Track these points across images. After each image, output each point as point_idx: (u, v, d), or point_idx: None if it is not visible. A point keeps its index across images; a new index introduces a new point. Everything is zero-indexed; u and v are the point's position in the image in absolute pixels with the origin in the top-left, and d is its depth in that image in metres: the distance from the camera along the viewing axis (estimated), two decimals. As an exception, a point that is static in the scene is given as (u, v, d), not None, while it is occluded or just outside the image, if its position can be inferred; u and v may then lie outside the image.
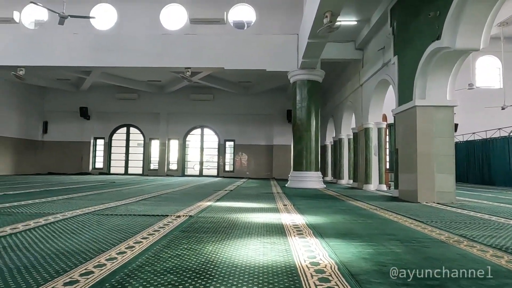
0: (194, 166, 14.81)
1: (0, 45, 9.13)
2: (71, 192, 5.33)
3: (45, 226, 2.51)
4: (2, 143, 12.52)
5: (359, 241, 2.17)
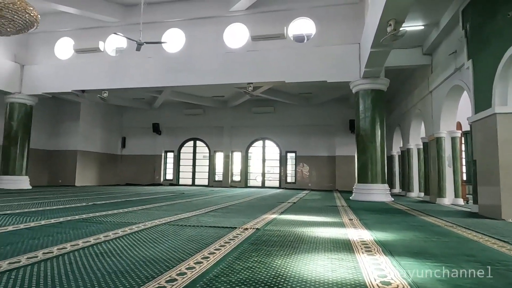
0: (257, 177, 15.11)
1: (89, 71, 10.44)
2: (147, 203, 5.83)
3: (131, 234, 2.81)
4: (89, 157, 14.12)
5: (434, 261, 2.07)
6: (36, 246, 2.31)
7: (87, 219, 3.70)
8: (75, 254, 2.10)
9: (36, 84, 10.81)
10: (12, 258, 1.95)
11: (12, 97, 10.67)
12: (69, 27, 10.92)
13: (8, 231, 2.86)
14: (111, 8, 10.17)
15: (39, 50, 11.17)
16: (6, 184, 10.34)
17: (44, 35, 10.52)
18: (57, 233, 2.82)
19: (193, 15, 10.02)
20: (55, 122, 13.76)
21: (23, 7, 4.87)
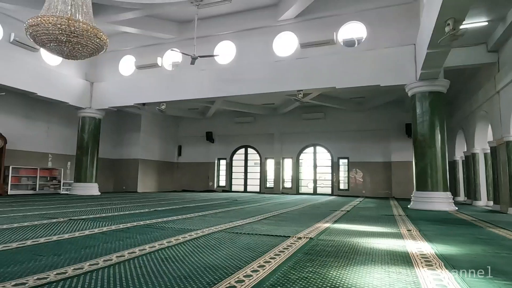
0: (308, 184, 14.96)
1: (149, 86, 11.23)
2: (203, 210, 6.10)
3: (190, 241, 2.99)
4: (149, 165, 15.09)
5: (504, 280, 1.93)
6: (109, 249, 2.57)
7: (150, 225, 3.99)
8: (143, 258, 2.30)
9: (103, 99, 11.87)
10: (91, 260, 2.20)
11: (83, 112, 11.83)
12: (131, 46, 11.85)
13: (85, 235, 3.20)
14: (167, 25, 10.86)
15: (106, 69, 12.27)
16: (79, 191, 11.44)
17: (110, 55, 11.53)
18: (126, 237, 3.10)
19: (243, 27, 10.33)
20: (119, 133, 14.94)
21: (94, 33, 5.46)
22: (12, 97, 10.47)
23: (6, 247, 2.58)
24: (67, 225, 3.80)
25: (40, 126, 11.90)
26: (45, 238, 2.98)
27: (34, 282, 1.73)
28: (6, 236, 3.03)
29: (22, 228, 3.52)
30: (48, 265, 2.08)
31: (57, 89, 10.79)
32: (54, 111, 12.14)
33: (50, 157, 12.28)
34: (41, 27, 5.17)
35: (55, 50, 5.68)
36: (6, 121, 10.74)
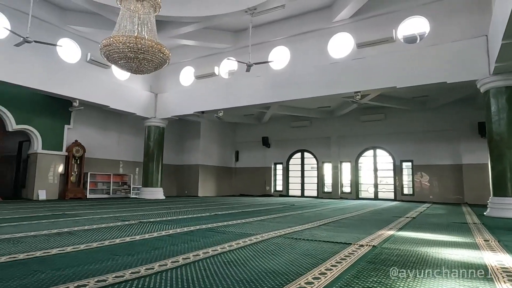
0: (368, 188, 14.36)
1: (207, 94, 11.73)
2: (261, 214, 6.17)
3: (250, 245, 3.04)
4: (208, 171, 15.69)
5: None
6: (176, 251, 2.72)
7: (212, 228, 4.14)
8: (207, 261, 2.40)
9: (166, 109, 12.66)
10: (160, 261, 2.35)
11: (149, 121, 12.72)
12: (190, 58, 12.51)
13: (154, 237, 3.44)
14: (223, 36, 11.28)
15: (168, 80, 13.09)
16: (146, 195, 12.29)
17: (171, 67, 12.27)
18: (190, 240, 3.26)
19: (296, 31, 10.33)
20: (181, 141, 15.77)
21: (158, 49, 5.89)
22: (89, 110, 11.64)
23: (88, 247, 2.87)
24: (138, 228, 4.11)
25: (113, 136, 13.05)
26: (120, 239, 3.25)
27: (113, 279, 1.90)
28: (88, 237, 3.37)
29: (100, 230, 3.89)
30: (124, 264, 2.27)
31: (126, 101, 11.76)
32: (124, 121, 13.24)
33: (121, 164, 13.38)
34: (113, 46, 5.73)
35: (125, 67, 6.24)
36: (85, 132, 11.97)
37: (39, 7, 8.81)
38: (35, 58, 9.23)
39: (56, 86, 9.75)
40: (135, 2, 6.01)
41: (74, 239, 3.24)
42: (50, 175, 10.94)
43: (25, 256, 2.45)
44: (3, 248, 2.73)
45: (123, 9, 6.23)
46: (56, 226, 4.09)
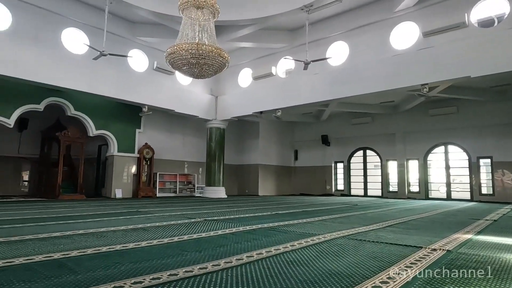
0: (439, 188, 13.29)
1: (265, 94, 11.86)
2: (323, 214, 6.06)
3: (313, 246, 3.01)
4: (268, 170, 15.85)
5: None
6: (240, 249, 2.80)
7: (273, 227, 4.18)
8: (270, 260, 2.43)
9: (226, 110, 13.08)
10: (226, 258, 2.44)
11: (210, 123, 13.26)
12: (248, 59, 12.77)
13: (218, 235, 3.57)
14: (280, 35, 11.31)
15: (227, 83, 13.51)
16: (209, 194, 12.82)
17: (230, 70, 12.65)
18: (253, 239, 3.33)
19: (355, 24, 9.97)
20: (241, 141, 16.16)
21: (218, 53, 6.13)
22: (156, 115, 12.49)
23: (159, 242, 3.09)
24: (203, 225, 4.31)
25: (178, 138, 13.84)
26: (188, 236, 3.44)
27: (183, 274, 2.02)
28: (159, 233, 3.63)
29: (169, 226, 4.15)
30: (192, 260, 2.40)
31: (189, 105, 12.40)
32: (187, 124, 13.96)
33: (186, 164, 14.14)
34: (176, 54, 6.10)
35: (188, 72, 6.60)
36: (153, 135, 12.88)
37: (112, 22, 9.68)
38: (109, 69, 10.17)
39: (127, 94, 10.65)
40: (195, 10, 6.32)
41: (147, 234, 3.51)
42: (124, 176, 11.97)
43: (107, 249, 2.72)
44: (89, 241, 3.06)
45: (185, 18, 6.59)
46: (132, 223, 4.47)
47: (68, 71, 9.37)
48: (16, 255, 2.43)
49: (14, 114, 9.60)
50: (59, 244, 2.92)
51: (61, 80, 9.23)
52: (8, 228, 3.86)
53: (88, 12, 9.95)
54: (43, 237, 3.24)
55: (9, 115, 9.51)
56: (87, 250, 2.65)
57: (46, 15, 9.38)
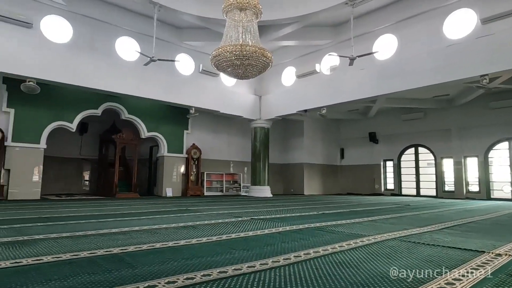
0: (503, 187, 12.20)
1: (309, 93, 11.72)
2: (372, 214, 5.85)
3: (362, 247, 2.92)
4: (313, 169, 15.65)
5: None
6: (287, 249, 2.80)
7: (320, 227, 4.12)
8: (318, 261, 2.40)
9: (270, 110, 13.13)
10: (273, 258, 2.45)
11: (255, 123, 13.39)
12: (291, 58, 12.70)
13: (265, 234, 3.60)
14: (323, 32, 11.10)
15: (271, 82, 13.54)
16: (255, 193, 12.95)
17: (273, 69, 12.65)
18: (300, 239, 3.31)
19: (404, 15, 9.49)
20: (285, 140, 16.11)
21: (262, 53, 6.17)
22: (203, 116, 12.87)
23: (208, 240, 3.18)
24: (250, 224, 4.37)
25: (223, 138, 14.16)
26: (235, 234, 3.51)
27: (232, 272, 2.06)
28: (208, 231, 3.74)
29: (217, 225, 4.26)
30: (240, 258, 2.44)
31: (234, 105, 12.62)
32: (232, 124, 14.23)
33: (232, 164, 14.41)
34: (221, 56, 6.25)
35: (232, 73, 6.73)
36: (200, 136, 13.29)
37: (160, 29, 10.14)
38: (158, 74, 10.68)
39: (175, 97, 11.10)
40: (239, 12, 6.42)
41: (197, 232, 3.63)
42: (174, 175, 12.50)
43: (160, 246, 2.86)
44: (144, 238, 3.24)
45: (229, 20, 6.72)
46: (182, 220, 4.65)
47: (122, 77, 10.00)
48: (81, 249, 2.65)
49: (76, 119, 10.46)
50: (117, 239, 3.12)
51: (116, 86, 9.87)
52: (74, 224, 4.21)
53: (139, 20, 10.52)
54: (103, 233, 3.49)
55: (72, 120, 10.38)
56: (142, 246, 2.81)
57: (102, 26, 10.08)
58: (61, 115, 10.19)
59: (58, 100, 10.08)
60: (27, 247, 2.71)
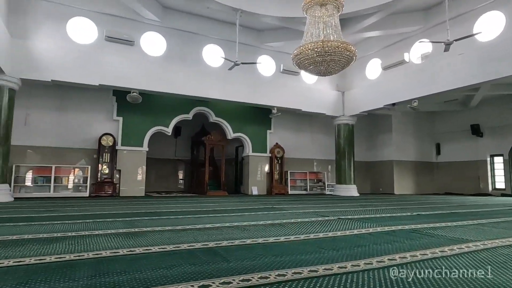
0: None
1: (397, 84, 10.91)
2: (478, 217, 5.18)
3: (469, 253, 2.60)
4: (404, 166, 14.53)
5: None
6: (379, 251, 2.65)
7: (416, 230, 3.80)
8: (416, 265, 2.22)
9: (354, 105, 12.60)
10: (365, 259, 2.35)
11: (338, 120, 13.00)
12: (375, 49, 11.99)
13: (354, 234, 3.47)
14: (411, 17, 10.22)
15: (354, 76, 12.98)
16: (340, 191, 12.58)
17: (356, 62, 12.07)
18: (393, 241, 3.11)
19: (513, -13, 8.17)
20: (372, 136, 15.29)
21: (344, 47, 5.96)
22: (285, 115, 12.98)
23: (296, 238, 3.20)
24: (337, 224, 4.26)
25: (306, 137, 14.08)
26: (323, 234, 3.47)
27: (323, 271, 2.04)
28: (295, 229, 3.77)
29: (304, 223, 4.26)
30: (330, 258, 2.40)
31: (316, 103, 12.45)
32: (315, 122, 14.06)
33: (315, 163, 14.24)
34: (302, 54, 6.22)
35: (314, 71, 6.64)
36: (283, 135, 13.45)
37: (242, 33, 10.54)
38: (241, 77, 11.12)
39: (258, 98, 11.42)
40: (319, 8, 6.31)
41: (284, 230, 3.68)
42: (258, 174, 12.88)
43: (251, 242, 2.98)
44: (235, 233, 3.41)
45: (309, 17, 6.65)
46: (269, 218, 4.77)
47: (209, 83, 10.69)
48: (181, 242, 2.92)
49: (171, 124, 11.56)
50: (211, 234, 3.36)
51: (204, 91, 10.61)
52: (173, 219, 4.65)
53: (223, 27, 11.10)
54: (199, 228, 3.78)
55: (168, 124, 11.50)
56: (234, 241, 2.97)
57: (190, 37, 10.92)
58: (159, 120, 11.37)
59: (156, 108, 11.27)
60: (138, 238, 3.10)
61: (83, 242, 2.89)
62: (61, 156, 10.01)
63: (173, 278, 1.88)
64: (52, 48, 8.83)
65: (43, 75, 8.63)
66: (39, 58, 8.58)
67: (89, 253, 2.46)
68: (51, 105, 10.00)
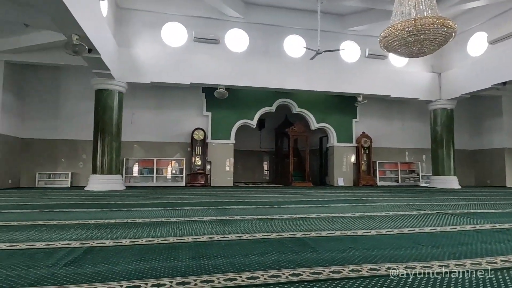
0: None
1: (509, 61, 9.36)
2: None
3: None
4: None
5: None
6: (489, 251, 2.35)
7: (537, 229, 3.26)
8: (539, 270, 1.91)
9: (453, 87, 11.25)
10: (472, 259, 2.11)
11: (434, 104, 11.77)
12: (480, 21, 10.47)
13: (457, 231, 3.13)
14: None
15: (452, 55, 11.55)
16: (437, 183, 11.45)
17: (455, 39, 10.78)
18: (507, 240, 2.72)
19: None
20: (476, 121, 13.51)
21: (441, 23, 5.32)
22: (371, 102, 12.27)
23: (389, 232, 3.03)
24: (435, 218, 3.90)
25: (396, 124, 13.11)
26: (419, 229, 3.21)
27: (421, 269, 1.90)
28: (386, 222, 3.56)
29: (396, 217, 4.00)
30: (429, 255, 2.21)
31: (407, 87, 11.46)
32: (406, 108, 12.99)
33: (407, 152, 13.18)
34: (391, 36, 5.75)
35: (405, 53, 6.10)
36: (369, 124, 12.76)
37: (324, 20, 10.22)
38: (323, 65, 10.83)
39: (342, 86, 11.01)
40: (409, -18, 5.74)
41: (374, 223, 3.51)
42: (344, 165, 12.48)
43: (339, 234, 2.92)
44: (323, 225, 3.38)
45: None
46: (357, 210, 4.60)
47: (291, 74, 10.68)
48: (270, 231, 3.01)
49: (256, 116, 11.91)
50: (299, 224, 3.39)
51: (286, 83, 10.64)
52: (261, 209, 4.82)
53: (303, 17, 10.93)
54: (286, 218, 3.85)
55: (252, 117, 11.88)
56: (322, 233, 2.94)
57: (272, 30, 11.02)
58: (244, 114, 11.81)
59: (241, 102, 11.73)
60: (230, 225, 3.30)
61: (183, 227, 3.19)
62: (160, 150, 11.19)
63: (265, 264, 1.96)
64: (150, 53, 9.84)
65: (144, 78, 9.70)
66: (140, 63, 9.66)
67: (189, 237, 2.71)
68: (150, 104, 11.20)
